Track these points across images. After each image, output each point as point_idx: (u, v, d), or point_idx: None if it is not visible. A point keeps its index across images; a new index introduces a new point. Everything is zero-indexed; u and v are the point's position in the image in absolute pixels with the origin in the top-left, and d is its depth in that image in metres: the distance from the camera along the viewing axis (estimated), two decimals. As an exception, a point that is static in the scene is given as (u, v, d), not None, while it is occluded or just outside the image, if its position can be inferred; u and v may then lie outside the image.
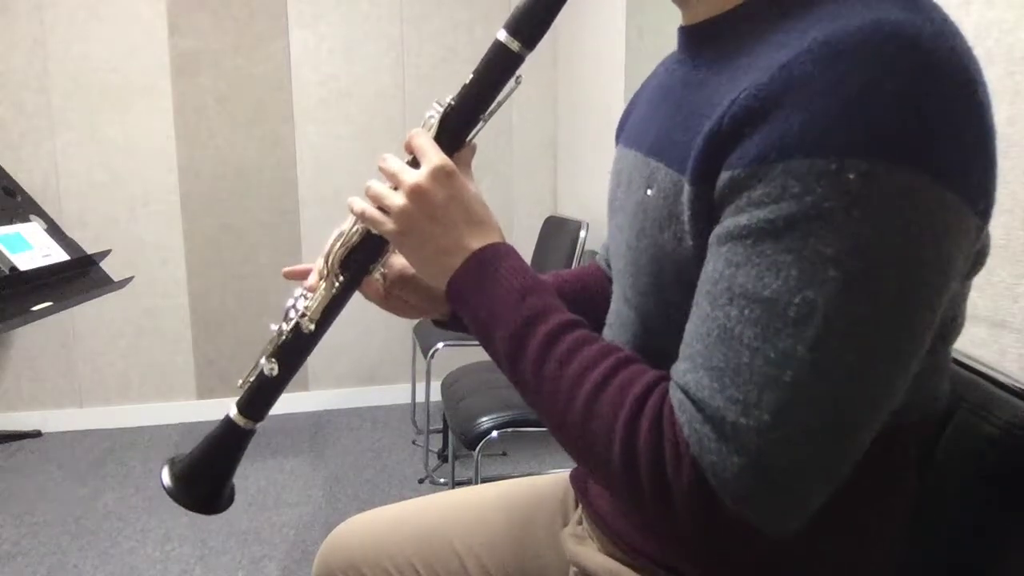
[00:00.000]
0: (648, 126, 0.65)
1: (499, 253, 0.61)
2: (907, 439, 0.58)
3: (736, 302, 0.47)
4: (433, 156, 0.62)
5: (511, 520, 0.84)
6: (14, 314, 1.73)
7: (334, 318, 0.71)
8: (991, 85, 0.49)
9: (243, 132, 2.89)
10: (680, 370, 0.51)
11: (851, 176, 0.43)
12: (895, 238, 0.44)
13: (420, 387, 2.79)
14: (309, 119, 2.94)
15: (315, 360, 2.75)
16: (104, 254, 2.15)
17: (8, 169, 2.26)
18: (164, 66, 2.79)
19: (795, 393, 0.45)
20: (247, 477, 2.47)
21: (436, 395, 2.24)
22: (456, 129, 0.65)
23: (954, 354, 0.70)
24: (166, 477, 0.74)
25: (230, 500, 0.76)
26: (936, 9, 0.48)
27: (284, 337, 0.71)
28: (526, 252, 2.97)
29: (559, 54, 3.05)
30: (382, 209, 0.64)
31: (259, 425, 0.75)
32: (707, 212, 0.51)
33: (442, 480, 2.43)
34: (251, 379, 0.73)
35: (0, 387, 2.85)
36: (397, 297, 0.79)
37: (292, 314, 0.71)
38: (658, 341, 0.61)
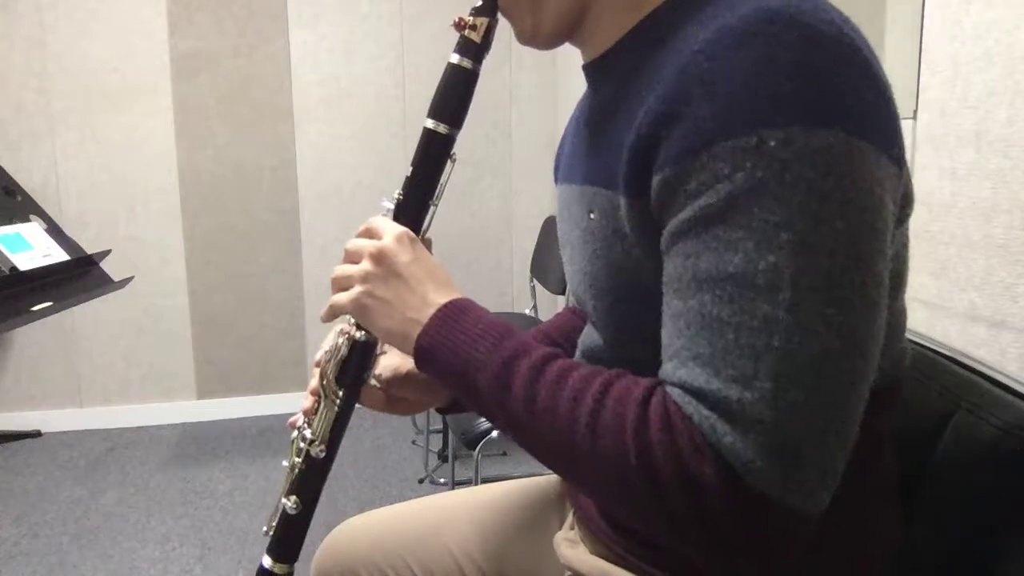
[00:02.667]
0: (577, 160, 0.68)
1: (466, 305, 0.61)
2: (871, 406, 0.58)
3: (704, 288, 0.48)
4: (395, 226, 0.65)
5: (507, 522, 0.84)
6: (14, 314, 1.73)
7: (342, 436, 0.71)
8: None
9: (243, 132, 2.89)
10: (668, 370, 0.51)
11: (772, 144, 0.45)
12: (831, 191, 0.46)
13: (420, 387, 2.79)
14: (309, 119, 2.94)
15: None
16: (104, 254, 2.15)
17: (8, 169, 2.26)
18: (164, 66, 2.79)
19: (788, 356, 0.45)
20: (247, 476, 2.47)
21: (436, 395, 2.24)
22: (411, 220, 0.68)
23: (954, 354, 0.70)
24: None
25: None
26: None
27: (298, 470, 0.71)
28: (526, 252, 2.97)
29: (559, 53, 3.05)
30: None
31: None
32: (647, 220, 0.53)
33: (442, 480, 2.43)
34: (274, 523, 0.73)
35: (0, 387, 2.85)
36: (397, 398, 0.78)
37: (301, 444, 0.71)
38: (627, 351, 0.62)
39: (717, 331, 0.47)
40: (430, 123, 0.67)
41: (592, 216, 0.61)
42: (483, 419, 1.71)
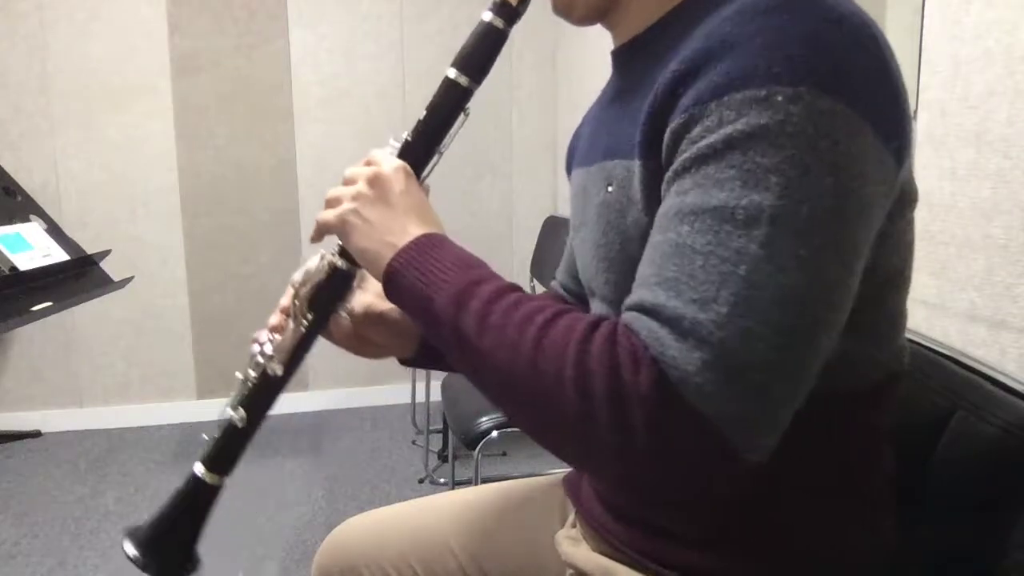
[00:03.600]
0: (597, 140, 0.68)
1: (443, 239, 0.61)
2: (871, 400, 0.58)
3: (685, 219, 0.49)
4: (396, 160, 0.66)
5: (509, 521, 0.84)
6: (14, 314, 1.73)
7: (302, 359, 0.71)
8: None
9: (243, 132, 2.89)
10: (631, 298, 0.51)
11: (779, 99, 0.47)
12: (825, 150, 0.47)
13: (420, 387, 2.79)
14: (309, 119, 2.94)
15: (315, 360, 2.75)
16: (104, 254, 2.15)
17: (8, 169, 2.26)
18: (164, 66, 2.79)
19: (751, 286, 0.45)
20: (247, 476, 2.47)
21: (436, 395, 2.24)
22: (414, 163, 0.68)
23: (954, 354, 0.70)
24: (129, 547, 0.69)
25: (196, 566, 0.72)
26: None
27: (251, 384, 0.71)
28: (526, 252, 2.97)
29: (559, 54, 3.05)
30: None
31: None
32: (657, 183, 0.54)
33: (442, 480, 2.43)
34: (215, 434, 0.72)
35: (0, 387, 2.85)
36: (364, 338, 0.78)
37: (259, 359, 0.71)
38: None
39: (688, 258, 0.47)
40: (452, 73, 0.68)
41: (610, 189, 0.62)
42: (483, 419, 1.71)
